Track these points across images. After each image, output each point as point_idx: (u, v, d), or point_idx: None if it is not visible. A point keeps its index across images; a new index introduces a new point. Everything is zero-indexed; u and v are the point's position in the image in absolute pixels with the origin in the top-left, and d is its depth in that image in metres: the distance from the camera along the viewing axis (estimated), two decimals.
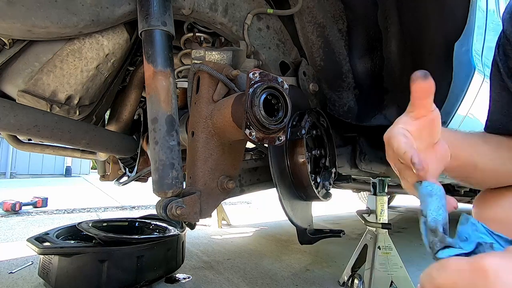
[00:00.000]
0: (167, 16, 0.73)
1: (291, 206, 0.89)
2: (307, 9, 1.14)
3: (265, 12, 0.98)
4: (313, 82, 1.10)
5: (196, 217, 0.71)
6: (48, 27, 0.68)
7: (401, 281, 1.23)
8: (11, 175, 9.43)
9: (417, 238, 2.42)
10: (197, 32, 1.04)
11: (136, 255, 1.22)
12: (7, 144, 4.01)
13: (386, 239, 1.29)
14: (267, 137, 0.63)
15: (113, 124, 1.20)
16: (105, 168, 1.65)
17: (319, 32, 1.18)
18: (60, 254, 1.16)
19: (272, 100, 0.64)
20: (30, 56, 0.81)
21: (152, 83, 0.70)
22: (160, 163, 0.68)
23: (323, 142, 1.02)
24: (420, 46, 1.07)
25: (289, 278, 1.46)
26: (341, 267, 1.58)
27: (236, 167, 0.81)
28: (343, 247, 1.97)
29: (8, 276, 1.39)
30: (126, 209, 3.66)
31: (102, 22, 0.75)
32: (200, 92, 0.77)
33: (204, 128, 0.75)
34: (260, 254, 1.86)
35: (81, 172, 12.02)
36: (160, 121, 0.69)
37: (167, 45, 0.72)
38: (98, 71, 0.92)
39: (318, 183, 0.96)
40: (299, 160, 0.87)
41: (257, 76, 0.63)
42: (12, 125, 0.79)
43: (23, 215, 3.03)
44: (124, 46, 0.94)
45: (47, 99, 0.87)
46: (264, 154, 1.17)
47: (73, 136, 0.92)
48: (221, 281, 1.40)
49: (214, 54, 0.88)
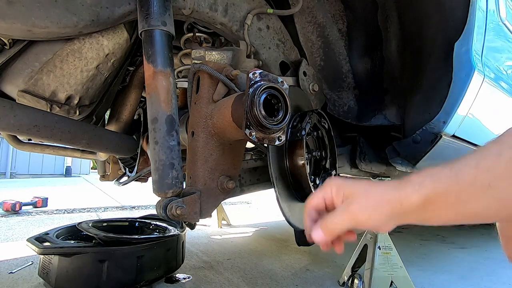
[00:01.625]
0: (167, 16, 0.73)
1: (288, 207, 0.89)
2: (307, 9, 1.14)
3: (265, 12, 0.98)
4: (313, 82, 1.10)
5: (196, 217, 0.71)
6: (48, 27, 0.68)
7: (401, 281, 1.23)
8: (11, 175, 9.44)
9: (417, 238, 2.42)
10: (197, 32, 1.04)
11: (136, 255, 1.22)
12: (7, 144, 4.01)
13: (386, 239, 1.29)
14: (267, 137, 0.63)
15: (113, 124, 1.20)
16: (105, 168, 1.65)
17: (319, 32, 1.18)
18: (60, 254, 1.16)
19: (272, 100, 0.64)
20: (30, 56, 0.81)
21: (152, 83, 0.70)
22: (160, 163, 0.68)
23: (324, 143, 1.02)
24: (420, 46, 1.07)
25: (289, 278, 1.46)
26: (341, 267, 1.58)
27: (236, 167, 0.81)
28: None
29: (8, 276, 1.39)
30: (126, 209, 3.66)
31: (102, 22, 0.75)
32: (200, 92, 0.77)
33: (204, 128, 0.75)
34: (260, 254, 1.86)
35: (81, 172, 12.02)
36: (160, 121, 0.69)
37: (167, 45, 0.72)
38: (98, 71, 0.92)
39: (317, 185, 0.96)
40: (298, 161, 0.87)
41: (257, 76, 0.63)
42: (12, 125, 0.79)
43: (23, 215, 3.03)
44: (124, 46, 0.94)
45: (47, 99, 0.87)
46: (264, 154, 1.17)
47: (73, 136, 0.92)
48: (221, 281, 1.40)
49: (214, 54, 0.88)
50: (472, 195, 0.39)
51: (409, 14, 1.09)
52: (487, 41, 1.04)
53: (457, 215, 0.41)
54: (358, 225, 0.44)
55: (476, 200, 0.39)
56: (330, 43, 1.20)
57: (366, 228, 0.47)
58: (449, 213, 0.41)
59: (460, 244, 2.28)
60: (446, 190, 0.40)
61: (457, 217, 0.41)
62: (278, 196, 0.86)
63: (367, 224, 0.44)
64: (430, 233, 2.64)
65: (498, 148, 0.37)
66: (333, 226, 0.46)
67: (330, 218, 0.46)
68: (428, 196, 0.40)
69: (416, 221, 0.44)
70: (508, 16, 1.21)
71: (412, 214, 0.43)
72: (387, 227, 0.46)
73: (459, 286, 1.46)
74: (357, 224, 0.44)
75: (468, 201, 0.39)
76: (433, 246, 2.21)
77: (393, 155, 1.13)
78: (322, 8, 1.17)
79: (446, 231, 2.73)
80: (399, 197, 0.43)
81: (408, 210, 0.42)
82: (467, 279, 1.55)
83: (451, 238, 2.45)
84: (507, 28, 1.21)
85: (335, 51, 1.22)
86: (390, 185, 0.45)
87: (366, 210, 0.44)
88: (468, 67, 0.95)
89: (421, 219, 0.43)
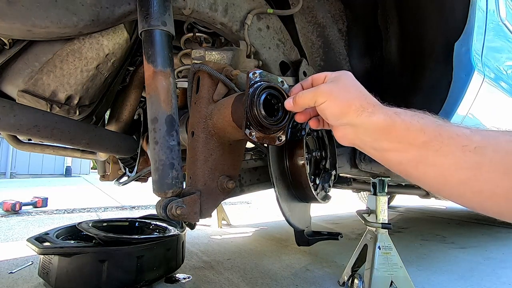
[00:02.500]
0: (167, 16, 0.73)
1: (288, 207, 0.89)
2: (307, 9, 1.14)
3: (265, 12, 0.98)
4: None
5: (196, 217, 0.71)
6: (48, 27, 0.68)
7: (401, 281, 1.23)
8: (11, 175, 9.44)
9: (417, 238, 2.42)
10: (197, 32, 1.04)
11: (136, 255, 1.22)
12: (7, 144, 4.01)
13: (386, 239, 1.29)
14: (267, 137, 0.63)
15: (113, 124, 1.20)
16: (105, 168, 1.65)
17: (319, 32, 1.18)
18: (60, 254, 1.16)
19: (272, 100, 0.64)
20: (30, 56, 0.81)
21: (152, 83, 0.70)
22: (160, 163, 0.68)
23: (324, 143, 1.02)
24: (420, 46, 1.07)
25: (289, 278, 1.46)
26: (341, 267, 1.58)
27: (236, 167, 0.81)
28: (343, 247, 1.97)
29: (8, 276, 1.39)
30: (126, 209, 3.66)
31: (102, 22, 0.75)
32: (200, 92, 0.77)
33: (204, 128, 0.75)
34: (260, 254, 1.86)
35: (81, 172, 12.03)
36: (160, 121, 0.69)
37: (167, 45, 0.72)
38: (98, 71, 0.92)
39: (317, 185, 0.96)
40: (299, 161, 0.87)
41: (257, 76, 0.62)
42: (12, 125, 0.79)
43: (23, 215, 3.03)
44: (124, 46, 0.94)
45: (47, 99, 0.87)
46: (264, 154, 1.16)
47: (73, 136, 0.92)
48: (221, 281, 1.40)
49: (214, 54, 0.88)
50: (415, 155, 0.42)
51: (409, 14, 1.09)
52: (487, 41, 1.04)
53: (390, 155, 0.45)
54: (317, 103, 0.49)
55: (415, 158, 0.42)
56: (330, 43, 1.20)
57: (322, 113, 0.50)
58: (390, 148, 0.44)
59: (460, 244, 2.28)
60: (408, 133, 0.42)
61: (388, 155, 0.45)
62: (278, 196, 0.86)
63: (323, 107, 0.49)
64: (430, 233, 2.64)
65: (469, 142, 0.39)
66: (300, 99, 0.52)
67: (303, 91, 0.53)
68: (390, 124, 0.43)
69: (358, 144, 0.49)
70: (508, 16, 1.21)
71: (361, 132, 0.46)
72: (337, 128, 0.50)
73: (459, 286, 1.46)
74: (316, 103, 0.49)
75: (407, 151, 0.42)
76: (433, 246, 2.21)
77: None
78: (322, 8, 1.17)
79: (446, 231, 2.73)
80: (363, 108, 0.46)
81: (361, 125, 0.46)
82: (467, 279, 1.55)
83: (451, 238, 2.45)
84: (507, 28, 1.21)
85: (335, 51, 1.22)
86: (367, 97, 0.48)
87: (329, 95, 0.48)
88: (468, 67, 0.95)
89: (361, 140, 0.47)
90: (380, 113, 0.44)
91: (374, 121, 0.44)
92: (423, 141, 0.41)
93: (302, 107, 0.54)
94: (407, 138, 0.42)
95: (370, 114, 0.45)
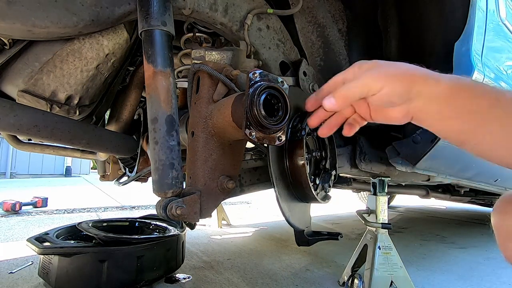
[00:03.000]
0: (167, 16, 0.73)
1: (288, 207, 0.89)
2: (307, 9, 1.14)
3: (265, 12, 0.98)
4: (313, 82, 1.10)
5: (196, 217, 0.71)
6: (48, 27, 0.68)
7: (401, 281, 1.23)
8: (11, 175, 9.44)
9: (417, 238, 2.42)
10: (197, 32, 1.04)
11: (136, 255, 1.22)
12: (7, 144, 4.00)
13: (386, 239, 1.29)
14: (267, 137, 0.63)
15: (113, 124, 1.20)
16: (105, 168, 1.65)
17: (319, 32, 1.18)
18: (60, 254, 1.16)
19: (272, 100, 0.64)
20: (30, 56, 0.81)
21: (152, 83, 0.70)
22: (160, 163, 0.68)
23: (324, 143, 1.02)
24: (420, 46, 1.07)
25: (289, 278, 1.46)
26: (341, 267, 1.58)
27: (236, 167, 0.81)
28: (343, 247, 1.97)
29: (8, 276, 1.39)
30: (126, 209, 3.66)
31: (102, 22, 0.75)
32: (200, 92, 0.77)
33: (204, 128, 0.75)
34: (260, 254, 1.86)
35: (81, 172, 12.03)
36: (160, 121, 0.69)
37: (167, 45, 0.72)
38: (98, 71, 0.92)
39: (317, 185, 0.96)
40: (299, 161, 0.86)
41: (257, 76, 0.62)
42: (12, 125, 0.79)
43: (23, 215, 3.03)
44: (124, 46, 0.94)
45: (47, 99, 0.87)
46: (264, 154, 1.16)
47: (73, 136, 0.92)
48: (221, 281, 1.40)
49: (214, 54, 0.88)
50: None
51: (409, 14, 1.09)
52: (487, 41, 1.04)
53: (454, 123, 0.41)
54: (371, 92, 0.42)
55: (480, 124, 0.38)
56: (330, 43, 1.20)
57: (380, 100, 0.44)
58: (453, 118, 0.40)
59: (460, 244, 2.28)
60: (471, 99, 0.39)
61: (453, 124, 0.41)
62: (278, 196, 0.86)
63: (383, 93, 0.42)
64: (430, 233, 2.64)
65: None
66: (345, 93, 0.44)
67: (344, 86, 0.44)
68: (456, 90, 0.39)
69: (421, 116, 0.43)
70: (508, 16, 1.21)
71: (427, 102, 0.41)
72: (394, 109, 0.44)
73: (458, 286, 1.46)
74: (370, 92, 0.42)
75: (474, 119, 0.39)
76: (433, 246, 2.21)
77: (393, 155, 1.13)
78: (322, 8, 1.17)
79: (446, 231, 2.73)
80: (427, 76, 0.41)
81: (429, 94, 0.41)
82: (467, 279, 1.55)
83: (451, 238, 2.46)
84: (507, 28, 1.21)
85: (335, 51, 1.22)
86: (418, 67, 0.43)
87: (385, 78, 0.42)
88: (468, 67, 0.95)
89: (426, 111, 0.42)
90: (444, 78, 0.41)
91: (442, 86, 0.41)
92: (487, 107, 0.39)
93: (347, 104, 0.46)
94: (470, 105, 0.39)
95: (436, 80, 0.41)
